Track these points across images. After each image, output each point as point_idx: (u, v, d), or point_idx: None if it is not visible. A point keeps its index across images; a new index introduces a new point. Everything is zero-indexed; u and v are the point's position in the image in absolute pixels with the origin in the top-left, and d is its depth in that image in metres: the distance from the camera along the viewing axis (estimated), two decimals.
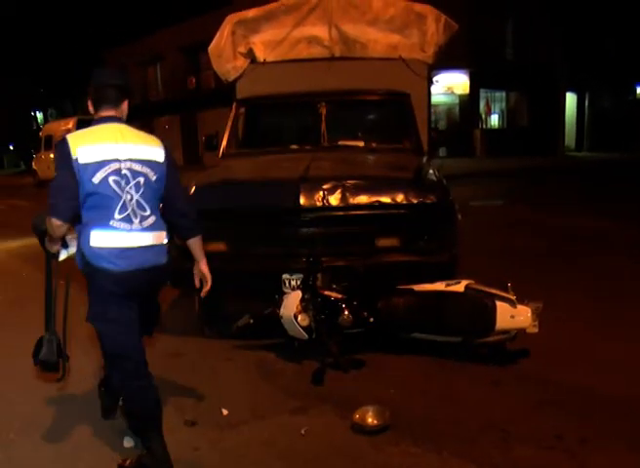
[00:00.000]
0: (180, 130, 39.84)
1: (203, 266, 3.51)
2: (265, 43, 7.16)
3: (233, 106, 7.00)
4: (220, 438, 3.56)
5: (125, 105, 3.39)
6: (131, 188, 3.04)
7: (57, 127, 27.94)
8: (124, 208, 3.01)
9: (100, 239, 3.00)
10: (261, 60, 7.15)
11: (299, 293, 4.53)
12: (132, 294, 3.13)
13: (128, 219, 3.02)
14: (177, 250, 4.89)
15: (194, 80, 38.57)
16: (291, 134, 7.01)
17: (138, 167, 3.09)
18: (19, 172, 43.71)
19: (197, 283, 3.60)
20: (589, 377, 4.22)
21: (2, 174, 45.36)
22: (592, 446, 3.34)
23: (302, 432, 3.58)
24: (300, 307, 4.46)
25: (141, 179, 3.09)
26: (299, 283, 4.66)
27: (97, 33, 43.56)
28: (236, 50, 7.18)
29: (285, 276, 4.73)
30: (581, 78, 33.68)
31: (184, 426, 3.71)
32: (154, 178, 3.14)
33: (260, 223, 4.92)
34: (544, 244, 8.91)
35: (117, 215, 3.00)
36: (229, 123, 6.84)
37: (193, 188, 5.14)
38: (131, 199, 3.03)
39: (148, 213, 3.11)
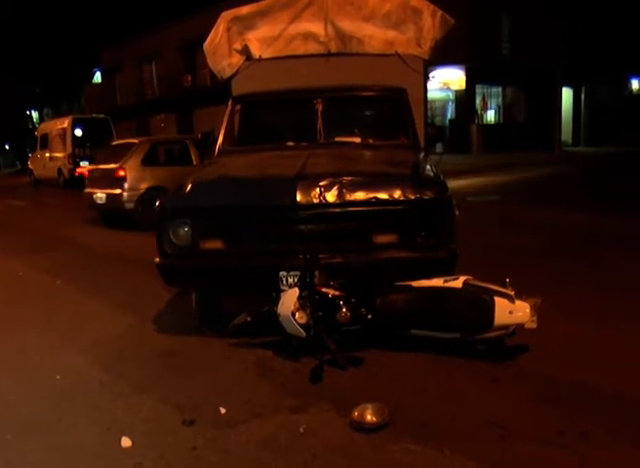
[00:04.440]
0: (177, 127, 39.83)
1: None
2: (261, 39, 7.14)
3: (229, 103, 6.97)
4: (219, 437, 3.54)
5: None
6: None
7: (52, 126, 27.91)
8: None
9: None
10: (257, 57, 7.14)
11: (296, 291, 4.50)
12: None
13: None
14: (172, 248, 4.91)
15: (190, 78, 38.54)
16: (287, 130, 6.98)
17: None
18: (15, 171, 43.64)
19: None
20: (589, 373, 4.20)
21: None
22: (593, 441, 3.32)
23: (301, 430, 3.55)
24: (297, 305, 4.44)
25: None
26: (296, 280, 4.63)
27: (92, 32, 43.53)
28: (231, 47, 7.16)
29: (282, 273, 4.69)
30: (577, 73, 33.72)
31: (182, 425, 3.68)
32: None
33: (256, 221, 4.89)
34: (542, 239, 8.91)
35: None
36: (225, 120, 6.81)
37: (189, 185, 5.12)
38: None
39: None
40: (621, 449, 3.27)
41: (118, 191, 11.99)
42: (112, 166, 12.33)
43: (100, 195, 12.46)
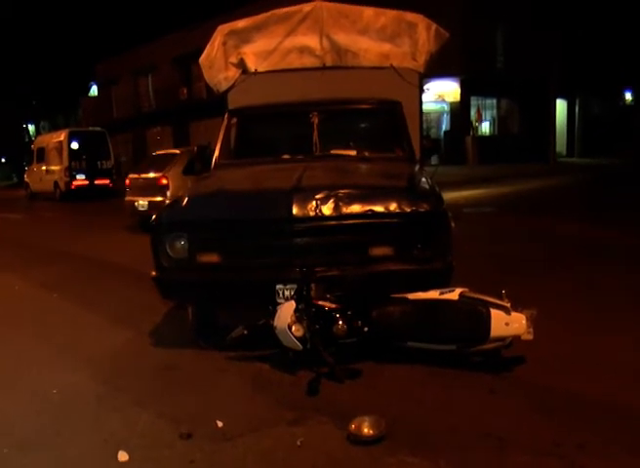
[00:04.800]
0: (173, 140, 39.91)
1: None
2: (257, 53, 7.18)
3: (225, 117, 7.00)
4: (216, 450, 3.53)
5: None
6: None
7: (49, 139, 27.96)
8: None
9: None
10: (253, 71, 7.17)
11: (292, 304, 4.51)
12: None
13: None
14: (169, 262, 4.92)
15: (186, 90, 38.65)
16: (283, 143, 7.00)
17: None
18: (11, 184, 43.64)
19: None
20: (585, 383, 4.21)
21: None
22: (590, 451, 3.33)
23: (299, 443, 3.55)
24: (294, 318, 4.44)
25: None
26: (292, 293, 4.63)
27: (88, 45, 43.67)
28: (227, 60, 7.20)
29: (279, 286, 4.70)
30: (572, 85, 33.91)
31: (180, 439, 3.66)
32: None
33: (253, 234, 4.90)
34: (538, 250, 8.94)
35: None
36: (221, 133, 6.83)
37: (186, 199, 5.14)
38: None
39: None
40: (618, 459, 3.28)
41: (160, 198, 12.56)
42: (155, 175, 13.00)
43: (142, 202, 13.10)
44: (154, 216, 5.09)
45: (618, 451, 3.34)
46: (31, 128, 56.39)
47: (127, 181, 14.42)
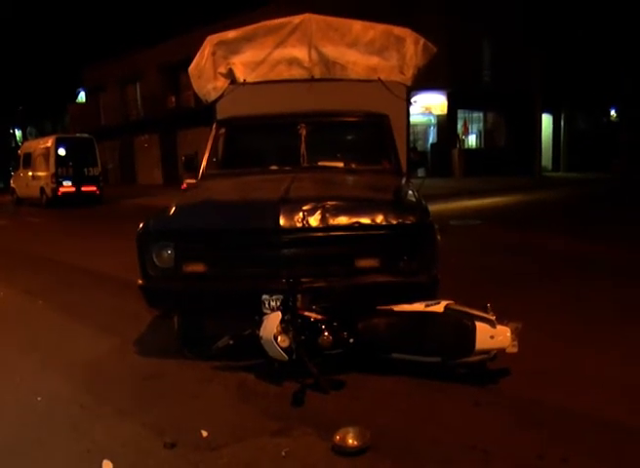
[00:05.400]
0: (160, 148, 39.87)
1: None
2: (245, 64, 7.21)
3: (213, 127, 7.01)
4: (200, 460, 3.52)
5: None
6: None
7: (35, 145, 27.82)
8: None
9: None
10: (241, 81, 7.20)
11: (278, 314, 4.52)
12: None
13: None
14: (155, 271, 4.91)
15: (174, 99, 38.63)
16: (271, 154, 7.02)
17: None
18: None
19: None
20: (570, 397, 4.24)
21: None
22: (573, 464, 3.35)
23: (283, 454, 3.55)
24: (279, 328, 4.45)
25: None
26: (278, 304, 4.64)
27: (76, 51, 43.58)
28: (216, 70, 7.22)
29: (265, 297, 4.70)
30: (557, 100, 34.22)
31: (164, 448, 3.65)
32: None
33: (239, 244, 4.90)
34: (523, 263, 8.98)
35: None
36: (209, 143, 6.84)
37: (173, 208, 5.14)
38: None
39: None
40: None
41: None
42: (194, 181, 13.45)
43: None
44: (141, 225, 5.08)
45: (601, 465, 3.36)
46: (18, 133, 56.14)
47: (184, 185, 14.91)
